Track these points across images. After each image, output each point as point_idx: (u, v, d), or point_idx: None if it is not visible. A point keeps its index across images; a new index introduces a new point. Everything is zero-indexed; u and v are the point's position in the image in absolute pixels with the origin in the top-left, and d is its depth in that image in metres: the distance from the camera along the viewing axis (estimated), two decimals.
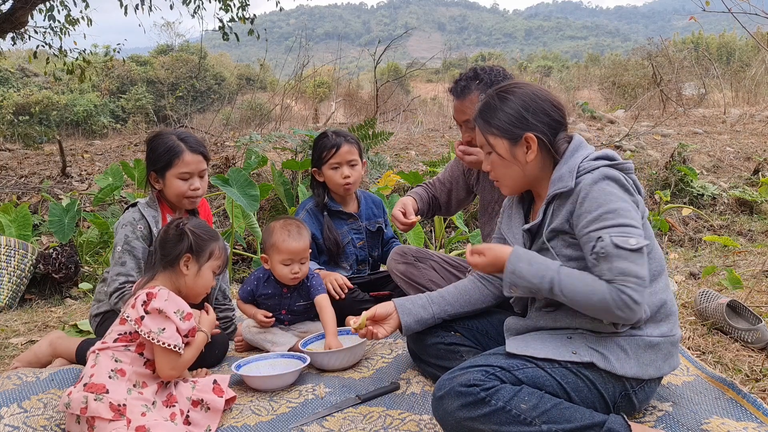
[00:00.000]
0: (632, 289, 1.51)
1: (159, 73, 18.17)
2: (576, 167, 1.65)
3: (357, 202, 2.94)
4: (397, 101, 11.38)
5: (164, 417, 1.76)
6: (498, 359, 1.62)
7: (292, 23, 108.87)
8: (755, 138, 7.52)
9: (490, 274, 1.86)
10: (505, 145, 1.73)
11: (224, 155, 6.01)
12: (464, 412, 1.52)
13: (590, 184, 1.60)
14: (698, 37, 17.09)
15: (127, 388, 1.76)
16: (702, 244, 4.75)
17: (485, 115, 1.76)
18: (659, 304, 1.65)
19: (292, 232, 2.40)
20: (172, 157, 2.38)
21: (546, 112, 1.71)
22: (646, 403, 1.71)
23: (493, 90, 1.79)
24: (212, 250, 2.01)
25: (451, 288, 2.02)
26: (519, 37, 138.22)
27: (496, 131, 1.74)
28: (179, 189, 2.40)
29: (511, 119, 1.71)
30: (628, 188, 1.61)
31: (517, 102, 1.72)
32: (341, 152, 2.76)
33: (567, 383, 1.59)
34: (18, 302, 3.84)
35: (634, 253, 1.52)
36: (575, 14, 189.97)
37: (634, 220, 1.56)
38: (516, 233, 1.83)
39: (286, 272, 2.40)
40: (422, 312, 1.97)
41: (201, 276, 1.99)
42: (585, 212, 1.58)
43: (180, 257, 1.96)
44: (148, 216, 2.39)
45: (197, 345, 1.95)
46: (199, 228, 2.02)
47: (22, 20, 6.67)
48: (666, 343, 1.65)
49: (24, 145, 8.71)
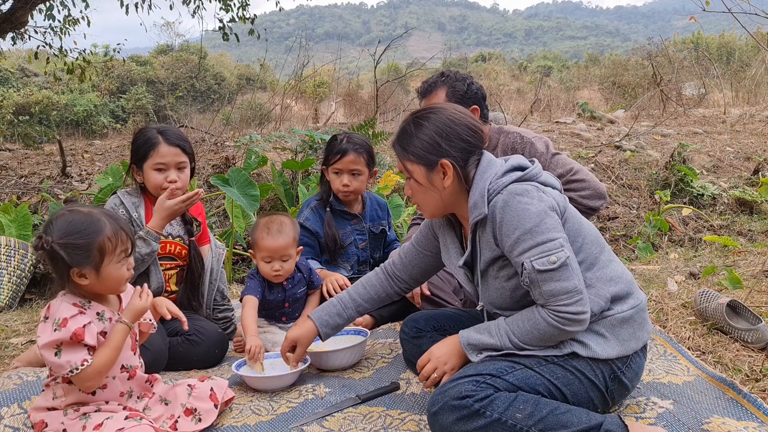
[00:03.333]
0: (565, 305, 1.56)
1: (159, 73, 18.17)
2: (485, 190, 1.66)
3: (362, 204, 2.94)
4: (397, 101, 11.38)
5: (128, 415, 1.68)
6: (486, 366, 1.62)
7: (292, 23, 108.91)
8: (755, 138, 7.52)
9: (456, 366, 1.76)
10: (422, 172, 1.74)
11: (224, 155, 6.01)
12: (460, 425, 1.53)
13: (502, 207, 1.62)
14: (698, 37, 17.10)
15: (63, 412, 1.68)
16: (702, 244, 4.75)
17: (402, 142, 1.77)
18: (613, 279, 1.67)
19: (272, 229, 2.39)
20: (148, 148, 2.39)
21: (460, 137, 1.71)
22: (637, 380, 1.73)
23: (410, 116, 1.79)
24: (101, 246, 1.61)
25: (359, 287, 2.09)
26: (519, 37, 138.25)
27: (413, 158, 1.74)
28: (155, 180, 2.40)
29: (425, 146, 1.71)
30: (540, 197, 1.62)
31: (431, 128, 1.72)
32: (345, 160, 2.75)
33: (557, 379, 1.60)
34: (18, 302, 3.84)
35: (558, 271, 1.55)
36: (575, 14, 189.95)
37: (551, 231, 1.57)
38: (455, 269, 1.86)
39: (267, 269, 2.42)
40: (338, 319, 2.06)
41: (105, 278, 1.64)
42: (505, 237, 1.61)
43: (67, 276, 1.62)
44: (128, 203, 2.42)
45: (114, 342, 1.65)
46: (69, 233, 1.59)
47: (22, 20, 6.67)
48: (637, 311, 1.68)
49: (24, 145, 8.70)
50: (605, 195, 2.51)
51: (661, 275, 3.31)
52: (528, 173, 1.68)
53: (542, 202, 1.61)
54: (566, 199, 1.72)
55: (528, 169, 1.70)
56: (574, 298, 1.56)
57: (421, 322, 2.07)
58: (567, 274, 1.56)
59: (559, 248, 1.56)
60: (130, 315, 1.70)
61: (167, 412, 1.80)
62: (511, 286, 1.69)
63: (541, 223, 1.57)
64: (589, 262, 1.67)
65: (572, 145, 6.87)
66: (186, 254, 2.54)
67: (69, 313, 1.61)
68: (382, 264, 2.14)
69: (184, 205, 2.36)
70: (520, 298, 1.69)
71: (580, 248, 1.66)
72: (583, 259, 1.66)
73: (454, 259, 1.87)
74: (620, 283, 1.68)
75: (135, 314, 1.70)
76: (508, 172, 1.68)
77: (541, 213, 1.58)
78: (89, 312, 1.66)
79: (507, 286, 1.70)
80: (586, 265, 1.66)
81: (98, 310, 1.68)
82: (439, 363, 1.76)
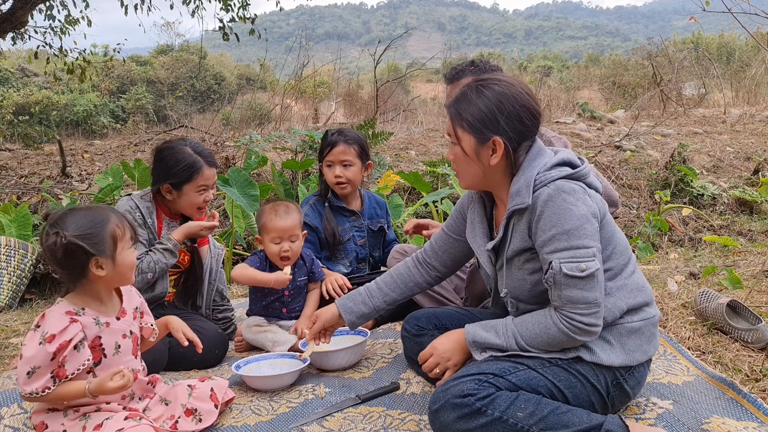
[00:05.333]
0: (581, 315, 1.54)
1: (159, 73, 18.18)
2: (532, 180, 1.61)
3: (360, 201, 2.95)
4: (397, 101, 11.38)
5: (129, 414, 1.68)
6: (489, 366, 1.62)
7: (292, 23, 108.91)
8: (755, 138, 7.52)
9: (459, 362, 1.78)
10: (472, 143, 1.67)
11: (224, 155, 6.01)
12: (461, 423, 1.52)
13: (546, 200, 1.57)
14: (698, 37, 17.10)
15: (63, 413, 1.69)
16: (702, 244, 4.75)
17: (459, 105, 1.69)
18: (633, 291, 1.66)
19: (279, 211, 2.48)
20: (192, 172, 2.41)
21: (520, 119, 1.64)
22: (639, 389, 1.72)
23: (474, 80, 1.71)
24: (112, 234, 1.66)
25: (386, 277, 2.05)
26: (519, 37, 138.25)
27: (466, 125, 1.67)
28: (196, 201, 2.45)
29: (482, 117, 1.64)
30: (585, 200, 1.58)
31: (493, 100, 1.64)
32: (335, 151, 2.78)
33: (560, 381, 1.60)
34: (18, 302, 3.84)
35: (584, 280, 1.53)
36: (575, 14, 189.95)
37: (588, 238, 1.54)
38: (480, 250, 1.82)
39: (276, 250, 2.46)
40: (363, 308, 2.00)
41: (120, 264, 1.67)
42: (540, 231, 1.58)
43: (87, 266, 1.64)
44: (143, 207, 2.43)
45: (73, 393, 1.61)
46: (81, 225, 1.63)
47: (22, 20, 6.67)
48: (647, 325, 1.67)
49: (24, 145, 8.70)
50: (618, 203, 2.50)
51: (661, 275, 3.31)
52: (578, 172, 1.63)
53: (586, 206, 1.57)
54: (606, 204, 1.68)
55: (579, 168, 1.64)
56: (591, 309, 1.54)
57: (422, 320, 2.07)
58: (591, 284, 1.54)
59: (591, 258, 1.54)
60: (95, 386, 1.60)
61: (167, 412, 1.80)
62: (533, 280, 1.66)
63: (581, 227, 1.54)
64: (614, 271, 1.65)
65: (572, 145, 6.85)
66: (189, 260, 2.58)
67: (58, 326, 1.59)
68: (413, 253, 2.10)
69: (206, 231, 2.49)
70: (538, 294, 1.67)
71: (610, 256, 1.64)
72: (610, 268, 1.64)
73: (480, 240, 1.82)
74: (639, 296, 1.67)
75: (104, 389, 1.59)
76: (557, 166, 1.63)
77: (583, 217, 1.55)
78: (83, 318, 1.66)
79: (529, 279, 1.67)
80: (611, 274, 1.64)
81: (93, 316, 1.68)
82: (442, 359, 1.75)
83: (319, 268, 2.65)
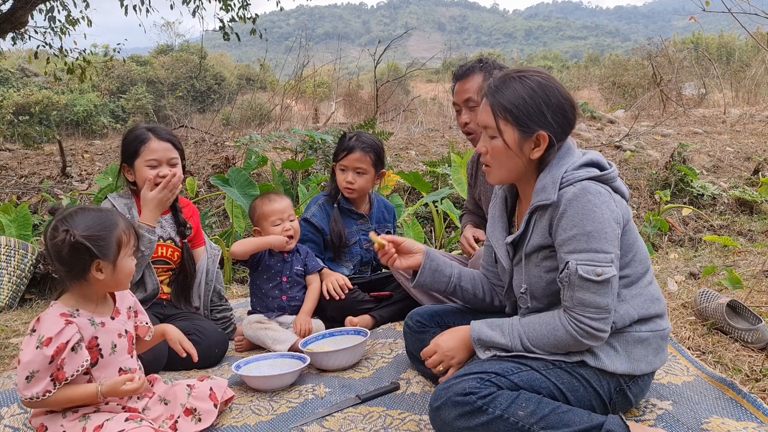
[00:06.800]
0: (590, 319, 1.54)
1: (159, 73, 18.19)
2: (559, 177, 1.59)
3: (369, 204, 2.95)
4: (397, 101, 11.39)
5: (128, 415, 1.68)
6: (492, 365, 1.61)
7: (292, 23, 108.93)
8: (755, 138, 7.52)
9: (463, 360, 1.77)
10: (515, 136, 1.62)
11: (224, 155, 6.01)
12: (462, 421, 1.52)
13: (570, 199, 1.55)
14: (698, 37, 17.11)
15: (62, 414, 1.68)
16: (702, 244, 4.75)
17: (502, 96, 1.62)
18: (647, 301, 1.65)
19: (271, 197, 2.64)
20: (138, 144, 2.39)
21: (565, 113, 1.62)
22: (642, 397, 1.71)
23: (514, 71, 1.65)
24: (118, 239, 1.66)
25: (464, 269, 1.99)
26: (519, 37, 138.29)
27: (510, 118, 1.61)
28: (148, 176, 2.38)
29: (530, 110, 1.59)
30: (609, 204, 1.56)
31: (539, 93, 1.59)
32: (350, 157, 2.77)
33: (562, 384, 1.59)
34: (18, 302, 3.84)
35: (598, 284, 1.52)
36: (575, 14, 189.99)
37: (608, 243, 1.53)
38: (499, 244, 1.81)
39: (278, 231, 2.56)
40: (444, 267, 1.91)
41: (119, 271, 1.67)
42: (561, 229, 1.56)
43: (88, 268, 1.64)
44: (119, 205, 2.41)
45: (78, 396, 1.63)
46: (90, 226, 1.63)
47: (22, 20, 6.67)
48: (655, 337, 1.65)
49: (24, 145, 8.70)
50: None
51: (661, 275, 3.31)
52: (606, 175, 1.60)
53: (610, 210, 1.55)
54: (630, 211, 1.67)
55: (607, 170, 1.61)
56: (601, 315, 1.54)
57: (425, 316, 2.06)
58: (605, 290, 1.53)
59: (609, 263, 1.52)
60: (107, 387, 1.64)
61: (167, 412, 1.80)
62: (548, 278, 1.65)
63: (602, 231, 1.52)
64: (631, 279, 1.63)
65: None
66: (179, 257, 2.54)
67: (54, 329, 1.59)
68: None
69: (166, 191, 2.36)
70: (552, 293, 1.66)
71: (629, 263, 1.62)
72: (628, 275, 1.62)
73: (499, 234, 1.81)
74: (652, 307, 1.66)
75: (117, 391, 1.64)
76: (584, 166, 1.61)
77: (606, 221, 1.53)
78: (78, 319, 1.65)
79: (544, 277, 1.66)
80: (628, 281, 1.63)
81: (88, 317, 1.68)
82: (445, 357, 1.75)
83: (313, 261, 2.67)
